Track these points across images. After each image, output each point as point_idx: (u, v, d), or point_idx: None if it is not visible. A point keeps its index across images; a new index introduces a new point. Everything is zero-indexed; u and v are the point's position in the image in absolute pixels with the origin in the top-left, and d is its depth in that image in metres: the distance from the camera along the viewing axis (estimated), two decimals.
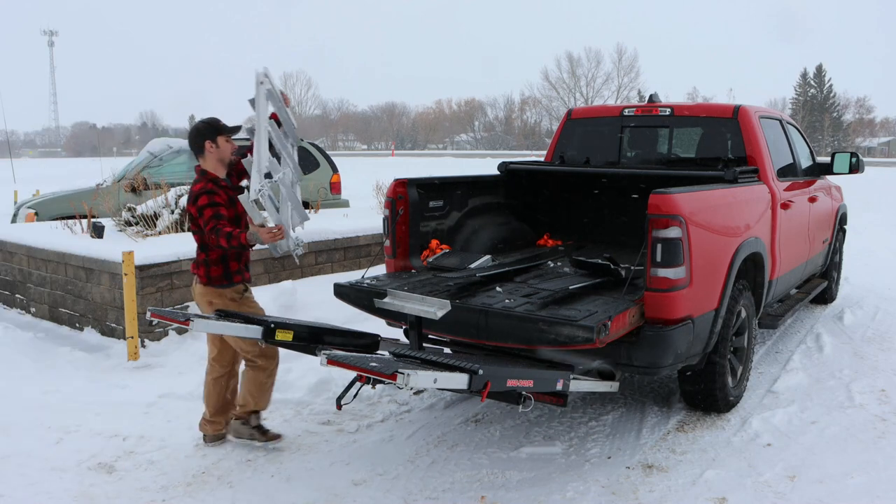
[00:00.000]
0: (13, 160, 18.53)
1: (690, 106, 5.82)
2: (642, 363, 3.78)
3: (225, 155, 4.03)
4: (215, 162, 4.02)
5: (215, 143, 3.98)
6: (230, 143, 4.04)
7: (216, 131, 3.99)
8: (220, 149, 4.00)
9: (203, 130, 3.99)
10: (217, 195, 3.93)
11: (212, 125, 4.01)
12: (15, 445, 4.15)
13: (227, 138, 4.02)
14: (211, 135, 3.97)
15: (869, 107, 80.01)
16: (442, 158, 58.94)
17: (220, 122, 4.07)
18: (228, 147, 4.03)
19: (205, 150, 3.98)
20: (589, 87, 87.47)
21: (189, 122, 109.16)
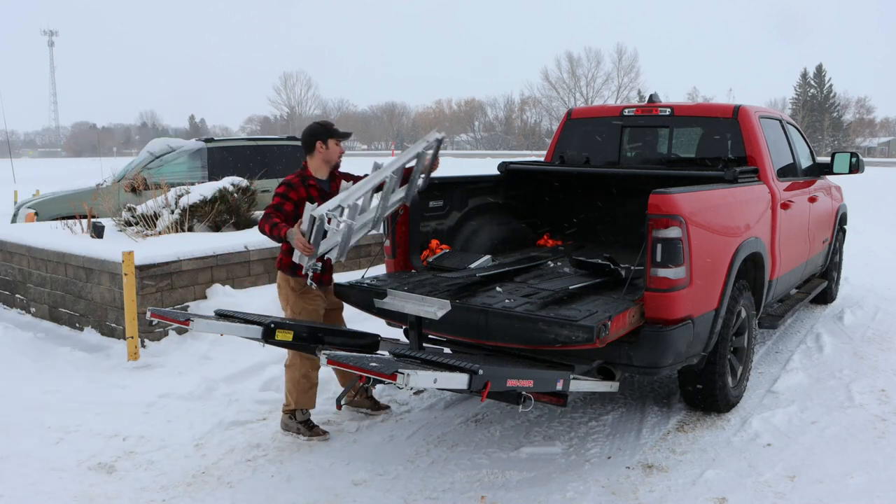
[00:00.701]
0: (13, 160, 18.53)
1: (690, 106, 5.82)
2: (642, 363, 3.78)
3: (332, 157, 4.28)
4: (320, 162, 4.26)
5: (326, 144, 4.23)
6: (339, 146, 4.28)
7: (329, 134, 4.25)
8: (329, 151, 4.25)
9: (317, 131, 4.26)
10: (293, 191, 4.15)
11: (326, 127, 4.28)
12: (15, 445, 4.15)
13: (338, 142, 4.27)
14: (323, 136, 4.24)
15: (869, 107, 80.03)
16: (442, 158, 58.75)
17: (334, 126, 4.33)
18: (337, 150, 4.27)
19: (314, 149, 4.24)
20: (589, 87, 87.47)
21: (189, 122, 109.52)
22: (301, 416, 4.29)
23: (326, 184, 4.31)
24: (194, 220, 7.25)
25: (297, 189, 4.16)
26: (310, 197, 4.15)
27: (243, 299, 6.17)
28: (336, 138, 4.27)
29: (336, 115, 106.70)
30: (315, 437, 4.25)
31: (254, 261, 6.71)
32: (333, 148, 4.27)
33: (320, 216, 3.75)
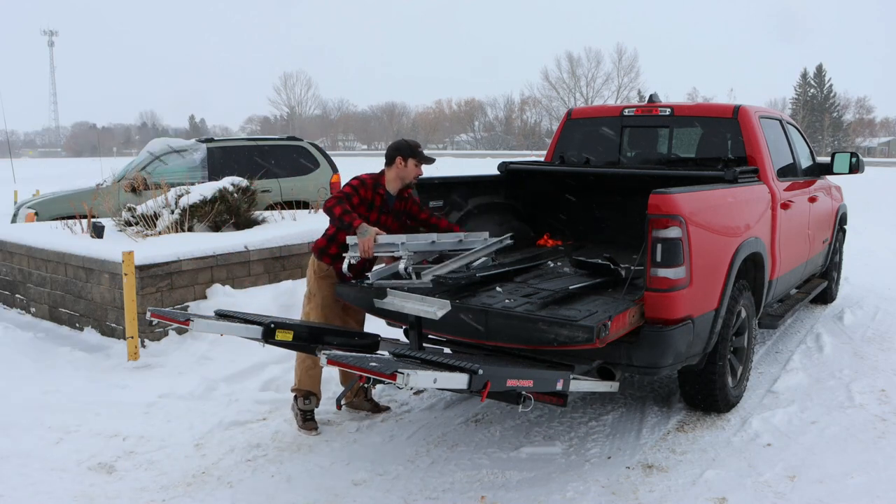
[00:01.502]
0: (13, 160, 18.53)
1: (690, 106, 5.82)
2: (642, 363, 3.78)
3: (407, 176, 4.38)
4: (394, 176, 4.36)
5: (406, 162, 4.34)
6: (418, 168, 4.39)
7: (412, 153, 4.37)
8: (406, 169, 4.36)
9: (402, 147, 4.40)
10: (364, 189, 4.30)
11: (412, 147, 4.40)
12: (15, 445, 4.15)
13: (418, 163, 4.38)
14: (406, 153, 4.36)
15: (869, 107, 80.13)
16: (442, 158, 58.81)
17: (421, 149, 4.47)
18: (413, 171, 4.38)
19: (394, 162, 4.34)
20: (589, 87, 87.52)
21: (189, 122, 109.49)
22: (303, 403, 4.34)
23: (392, 199, 4.41)
24: (194, 220, 7.24)
25: (368, 189, 4.30)
26: (373, 202, 4.32)
27: (243, 299, 6.16)
28: (417, 160, 4.38)
29: (336, 115, 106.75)
30: (303, 430, 4.30)
31: (254, 261, 6.70)
32: (412, 168, 4.37)
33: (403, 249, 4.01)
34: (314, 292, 4.40)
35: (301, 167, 10.33)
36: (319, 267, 4.38)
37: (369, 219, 4.26)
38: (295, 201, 9.62)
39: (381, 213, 4.36)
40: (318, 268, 4.38)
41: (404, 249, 4.02)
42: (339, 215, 4.11)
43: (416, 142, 4.49)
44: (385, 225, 4.34)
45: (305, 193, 9.96)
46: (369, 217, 4.28)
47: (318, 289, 4.38)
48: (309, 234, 7.24)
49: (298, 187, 9.92)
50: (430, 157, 4.44)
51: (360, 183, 4.30)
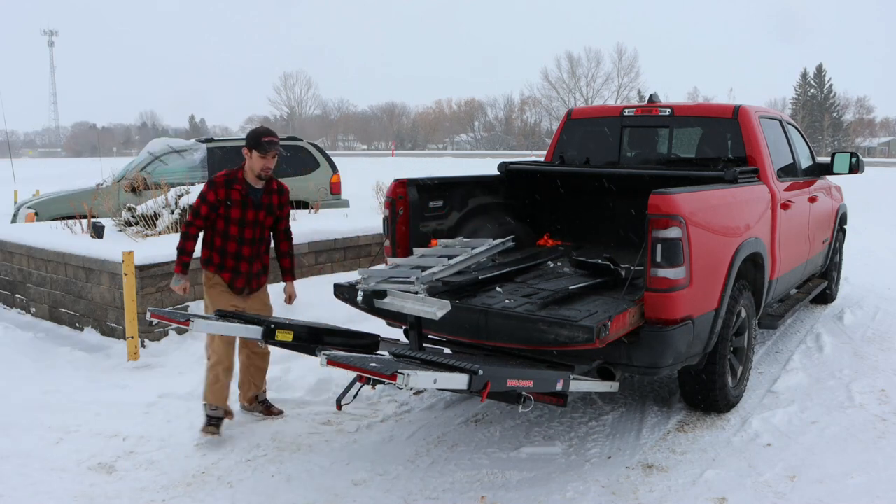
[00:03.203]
0: (13, 160, 18.53)
1: (690, 106, 5.82)
2: (642, 363, 3.78)
3: (254, 168, 4.22)
4: (248, 168, 4.25)
5: (250, 153, 4.20)
6: (264, 160, 4.18)
7: (254, 144, 4.18)
8: (252, 160, 4.20)
9: (248, 137, 4.23)
10: (212, 193, 4.19)
11: (256, 137, 4.18)
12: (15, 445, 4.15)
13: (262, 155, 4.17)
14: (249, 143, 4.19)
15: (869, 107, 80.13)
16: (442, 158, 58.93)
17: (269, 138, 4.20)
18: (259, 163, 4.19)
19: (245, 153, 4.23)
20: (589, 87, 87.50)
21: (189, 122, 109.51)
22: (210, 409, 4.26)
23: (258, 192, 4.29)
24: None
25: (218, 188, 4.19)
26: (229, 199, 4.19)
27: None
28: (260, 151, 4.19)
29: (336, 115, 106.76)
30: (203, 432, 4.22)
31: None
32: (256, 160, 4.21)
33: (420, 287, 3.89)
34: (207, 303, 4.39)
35: (301, 167, 10.33)
36: (206, 276, 4.37)
37: (231, 217, 4.22)
38: (295, 201, 9.61)
39: (247, 209, 4.23)
40: (206, 277, 4.37)
41: (419, 283, 3.87)
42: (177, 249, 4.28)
43: (265, 129, 4.29)
44: (257, 220, 4.29)
45: (305, 193, 9.96)
46: (231, 216, 4.22)
47: (210, 298, 4.35)
48: (309, 234, 7.24)
49: (298, 187, 9.90)
50: (269, 146, 4.19)
51: (208, 186, 4.20)
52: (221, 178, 4.20)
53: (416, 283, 3.82)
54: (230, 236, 4.25)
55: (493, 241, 4.59)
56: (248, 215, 4.25)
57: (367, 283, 3.95)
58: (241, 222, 4.25)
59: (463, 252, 4.33)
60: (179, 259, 4.27)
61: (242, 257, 4.30)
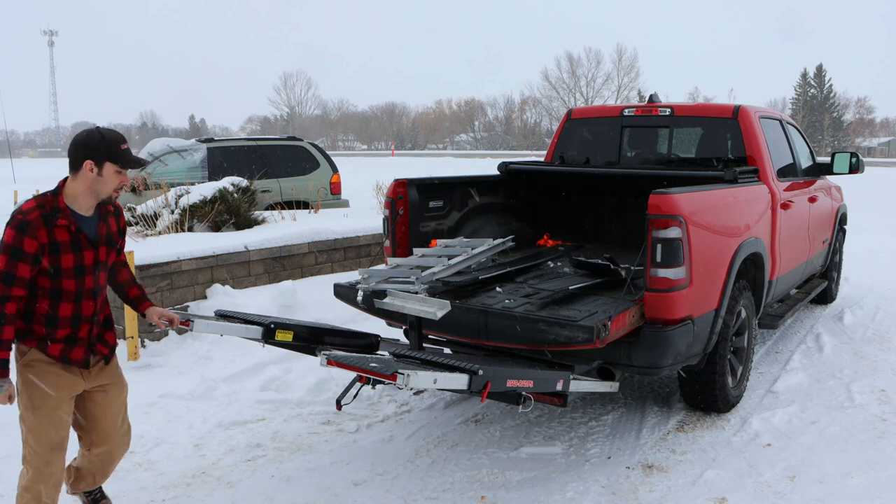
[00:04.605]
0: (13, 160, 18.54)
1: (690, 106, 5.82)
2: (642, 363, 3.78)
3: (105, 189, 2.86)
4: (84, 189, 2.83)
5: (100, 167, 2.81)
6: (121, 175, 2.88)
7: (110, 154, 2.82)
8: (102, 178, 2.82)
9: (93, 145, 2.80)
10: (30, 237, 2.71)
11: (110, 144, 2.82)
12: (15, 445, 4.13)
13: (120, 169, 2.86)
14: (101, 154, 2.80)
15: (869, 107, 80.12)
16: (442, 158, 58.93)
17: (125, 146, 2.88)
18: (115, 181, 2.86)
19: (81, 168, 2.80)
20: (589, 87, 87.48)
21: (189, 122, 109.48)
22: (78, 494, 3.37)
23: (92, 223, 2.89)
24: (194, 220, 7.25)
25: (37, 230, 2.72)
26: (55, 244, 2.76)
27: (243, 299, 6.17)
28: (119, 164, 2.85)
29: (336, 115, 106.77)
30: None
31: (254, 261, 6.71)
32: (111, 177, 2.84)
33: (418, 283, 3.79)
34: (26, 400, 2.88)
35: (301, 167, 10.34)
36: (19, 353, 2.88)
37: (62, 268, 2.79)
38: (295, 201, 9.63)
39: (83, 251, 2.85)
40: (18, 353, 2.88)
41: (419, 283, 3.86)
42: None
43: (114, 133, 2.88)
44: (99, 261, 2.92)
45: (305, 193, 9.97)
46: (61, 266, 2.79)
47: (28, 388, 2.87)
48: (309, 234, 7.25)
49: (298, 187, 9.93)
50: (137, 157, 2.91)
51: (20, 227, 2.69)
52: (35, 215, 2.71)
53: (416, 283, 3.82)
54: (63, 294, 2.84)
55: (493, 241, 4.60)
56: (86, 258, 2.87)
57: (367, 283, 3.95)
58: (78, 271, 2.85)
59: (463, 252, 4.33)
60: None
61: (82, 319, 2.92)
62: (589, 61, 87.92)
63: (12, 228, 2.70)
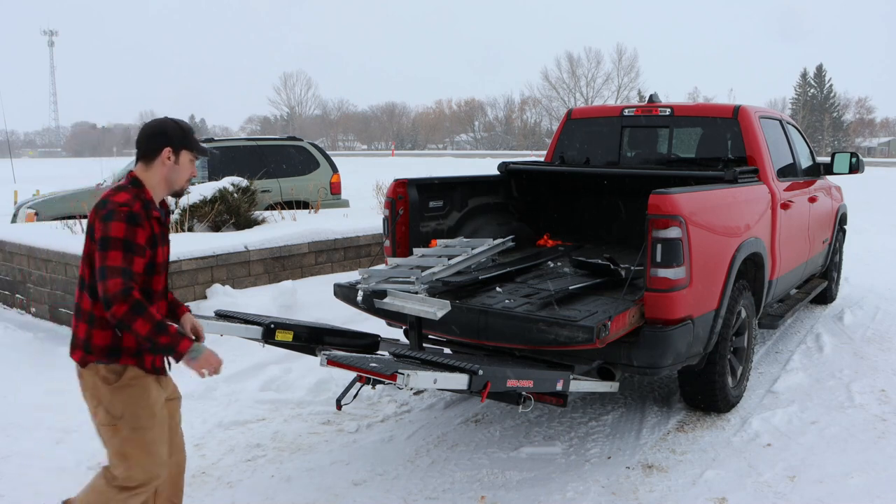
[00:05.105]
0: (13, 160, 18.54)
1: (690, 106, 5.82)
2: (642, 363, 3.78)
3: (180, 179, 2.79)
4: (160, 179, 2.74)
5: (177, 155, 2.74)
6: (192, 165, 2.83)
7: (185, 142, 2.76)
8: (178, 166, 2.76)
9: (171, 132, 2.74)
10: (142, 228, 2.57)
11: (186, 132, 2.78)
12: (15, 445, 4.15)
13: (194, 157, 2.81)
14: (178, 142, 2.74)
15: (869, 107, 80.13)
16: (442, 158, 58.93)
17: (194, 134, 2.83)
18: (188, 171, 2.81)
19: (158, 157, 2.71)
20: (589, 87, 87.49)
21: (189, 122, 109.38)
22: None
23: (164, 213, 2.81)
24: (194, 220, 7.25)
25: (144, 220, 2.59)
26: (154, 236, 2.65)
27: (243, 299, 6.16)
28: (195, 152, 2.80)
29: (336, 115, 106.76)
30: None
31: (254, 261, 6.71)
32: (186, 166, 2.78)
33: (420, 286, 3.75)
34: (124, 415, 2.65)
35: (301, 167, 10.34)
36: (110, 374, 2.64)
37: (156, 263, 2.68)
38: (295, 201, 9.63)
39: (167, 245, 2.78)
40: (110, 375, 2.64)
41: (419, 283, 3.85)
42: (152, 334, 2.47)
43: (184, 121, 2.84)
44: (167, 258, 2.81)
45: (305, 193, 9.97)
46: (157, 261, 2.68)
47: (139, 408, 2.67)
48: (309, 234, 7.25)
49: (298, 187, 9.93)
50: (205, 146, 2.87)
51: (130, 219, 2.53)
52: (138, 206, 2.59)
53: (416, 283, 3.82)
54: (152, 295, 2.72)
55: (493, 241, 4.60)
56: (167, 253, 2.80)
57: (367, 283, 3.95)
58: (162, 267, 2.75)
59: (463, 252, 4.33)
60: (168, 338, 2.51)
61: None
62: (589, 61, 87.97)
63: (121, 221, 2.50)
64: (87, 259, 2.62)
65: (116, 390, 2.63)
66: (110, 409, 2.63)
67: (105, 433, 2.67)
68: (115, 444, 2.65)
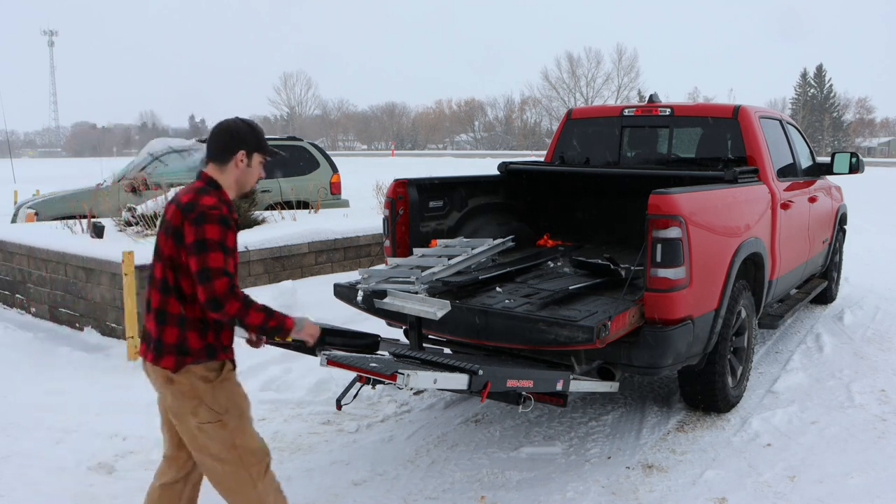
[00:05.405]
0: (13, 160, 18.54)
1: (690, 106, 5.82)
2: (642, 363, 3.78)
3: (250, 181, 2.82)
4: (233, 181, 2.74)
5: (250, 158, 2.76)
6: (261, 167, 2.86)
7: (259, 145, 2.79)
8: (251, 169, 2.78)
9: (245, 135, 2.75)
10: (233, 225, 2.63)
11: (259, 135, 2.80)
12: (15, 445, 4.15)
13: (264, 159, 2.84)
14: (252, 144, 2.76)
15: (869, 107, 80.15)
16: (442, 158, 58.92)
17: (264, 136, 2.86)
18: (257, 173, 2.83)
19: (233, 159, 2.72)
20: (589, 87, 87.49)
21: (189, 122, 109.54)
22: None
23: None
24: None
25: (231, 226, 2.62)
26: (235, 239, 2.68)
27: None
28: (266, 155, 2.84)
29: (336, 115, 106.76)
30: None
31: (254, 261, 6.71)
32: (256, 168, 2.81)
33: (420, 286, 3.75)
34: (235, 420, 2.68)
35: (301, 167, 10.34)
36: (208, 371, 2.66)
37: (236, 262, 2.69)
38: (295, 201, 9.63)
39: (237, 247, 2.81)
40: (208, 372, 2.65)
41: (419, 283, 3.85)
42: (264, 321, 2.61)
43: (257, 124, 2.88)
44: None
45: (305, 193, 9.97)
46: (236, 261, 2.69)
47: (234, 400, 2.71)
48: (309, 234, 7.24)
49: (298, 187, 9.93)
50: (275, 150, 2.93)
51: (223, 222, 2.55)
52: (227, 209, 2.63)
53: (416, 283, 3.82)
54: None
55: (493, 241, 4.60)
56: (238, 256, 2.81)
57: (367, 283, 3.95)
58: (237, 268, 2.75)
59: (463, 252, 4.33)
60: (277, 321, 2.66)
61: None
62: (589, 61, 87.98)
63: (215, 224, 2.52)
64: (170, 262, 2.62)
65: (218, 386, 2.66)
66: (214, 405, 2.64)
67: (210, 430, 2.64)
68: (223, 437, 2.65)
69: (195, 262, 2.50)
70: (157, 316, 2.65)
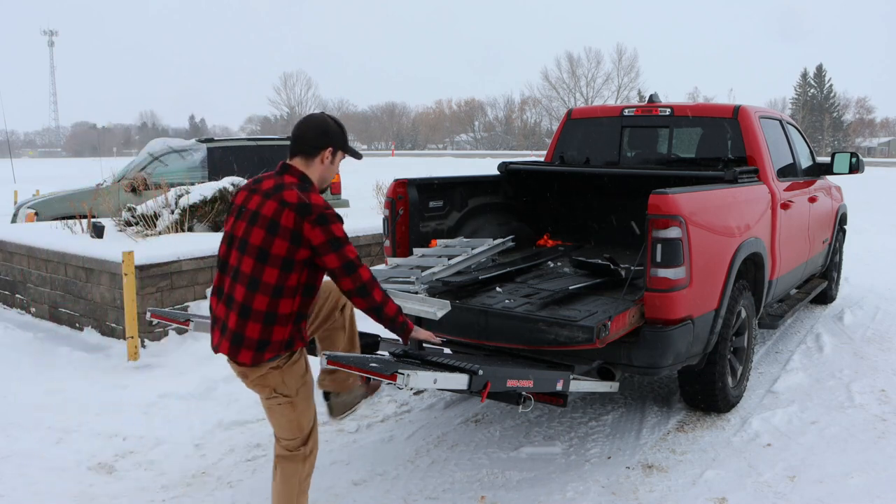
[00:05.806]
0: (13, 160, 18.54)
1: (690, 106, 5.82)
2: (642, 363, 3.78)
3: (329, 177, 2.91)
4: (318, 177, 2.84)
5: (334, 156, 2.86)
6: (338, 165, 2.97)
7: (345, 144, 2.89)
8: (334, 166, 2.88)
9: (334, 133, 2.85)
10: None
11: (344, 133, 2.89)
12: (15, 445, 4.15)
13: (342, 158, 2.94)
14: (339, 142, 2.85)
15: (869, 107, 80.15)
16: (442, 158, 58.92)
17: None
18: (336, 169, 2.93)
19: (321, 154, 2.82)
20: (589, 87, 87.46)
21: (189, 122, 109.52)
22: None
23: None
24: (194, 220, 7.25)
25: None
26: None
27: None
28: (348, 153, 2.95)
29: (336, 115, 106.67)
30: None
31: None
32: (337, 166, 2.93)
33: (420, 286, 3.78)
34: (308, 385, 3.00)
35: None
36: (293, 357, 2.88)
37: None
38: None
39: None
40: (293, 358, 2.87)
41: (419, 283, 3.85)
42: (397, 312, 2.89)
43: (341, 122, 2.98)
44: None
45: None
46: None
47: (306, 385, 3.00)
48: None
49: None
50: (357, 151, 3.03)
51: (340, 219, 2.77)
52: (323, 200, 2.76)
53: (416, 283, 3.83)
54: (315, 289, 2.89)
55: (493, 241, 4.60)
56: None
57: None
58: None
59: (463, 252, 4.33)
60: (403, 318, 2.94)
61: None
62: (589, 61, 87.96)
63: (338, 221, 2.72)
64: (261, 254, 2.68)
65: (287, 370, 2.85)
66: (283, 389, 2.88)
67: (283, 411, 2.92)
68: (293, 417, 2.93)
69: (335, 259, 2.68)
70: (241, 311, 2.72)
